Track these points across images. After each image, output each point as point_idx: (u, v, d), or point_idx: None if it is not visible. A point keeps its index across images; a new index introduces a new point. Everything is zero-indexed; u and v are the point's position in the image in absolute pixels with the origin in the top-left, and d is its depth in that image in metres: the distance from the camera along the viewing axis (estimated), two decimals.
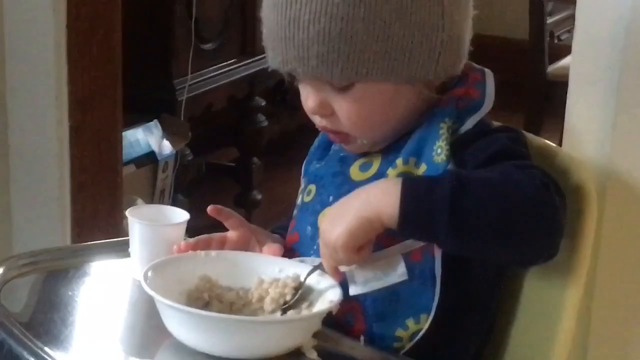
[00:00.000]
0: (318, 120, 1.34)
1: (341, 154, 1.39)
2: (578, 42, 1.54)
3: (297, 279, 1.30)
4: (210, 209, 1.38)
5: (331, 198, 1.35)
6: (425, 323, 1.27)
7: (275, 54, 1.30)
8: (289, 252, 1.38)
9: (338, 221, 1.21)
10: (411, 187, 1.19)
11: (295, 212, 1.43)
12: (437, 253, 1.27)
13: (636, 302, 1.51)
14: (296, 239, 1.39)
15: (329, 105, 1.31)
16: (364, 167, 1.35)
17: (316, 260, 1.31)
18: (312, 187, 1.40)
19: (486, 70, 1.36)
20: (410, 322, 1.28)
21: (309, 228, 1.37)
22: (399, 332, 1.29)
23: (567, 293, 1.31)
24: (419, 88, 1.31)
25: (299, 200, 1.43)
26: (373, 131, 1.32)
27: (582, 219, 1.31)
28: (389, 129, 1.32)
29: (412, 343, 1.29)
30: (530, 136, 1.37)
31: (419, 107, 1.33)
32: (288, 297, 1.27)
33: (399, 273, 1.27)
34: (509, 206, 1.17)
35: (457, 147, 1.28)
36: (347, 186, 1.34)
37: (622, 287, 1.51)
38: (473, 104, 1.32)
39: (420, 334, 1.28)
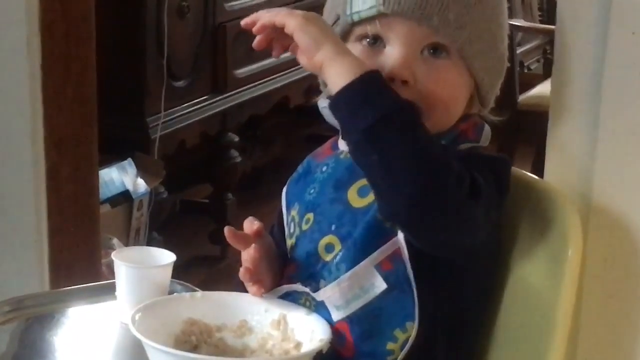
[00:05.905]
0: None
1: (336, 177, 1.37)
2: (557, 72, 1.55)
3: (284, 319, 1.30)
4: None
5: (333, 227, 1.34)
6: (413, 330, 1.28)
7: None
8: (287, 280, 1.36)
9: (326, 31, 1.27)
10: (372, 79, 1.24)
11: (289, 242, 1.40)
12: (405, 256, 1.27)
13: (621, 330, 1.52)
14: (294, 271, 1.37)
15: (411, 69, 1.31)
16: (362, 192, 1.33)
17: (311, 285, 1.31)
18: (310, 216, 1.37)
19: (486, 124, 1.41)
20: (398, 333, 1.29)
21: (305, 257, 1.35)
22: (390, 345, 1.29)
23: (554, 325, 1.31)
24: (469, 97, 1.37)
25: (292, 230, 1.40)
26: (435, 109, 1.33)
27: (566, 254, 1.32)
28: (442, 118, 1.34)
29: (404, 352, 1.29)
30: (514, 170, 1.38)
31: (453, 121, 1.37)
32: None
33: (377, 285, 1.28)
34: (428, 165, 1.20)
35: None
36: (349, 215, 1.32)
37: (607, 321, 1.51)
38: (468, 142, 1.36)
39: (410, 341, 1.28)
